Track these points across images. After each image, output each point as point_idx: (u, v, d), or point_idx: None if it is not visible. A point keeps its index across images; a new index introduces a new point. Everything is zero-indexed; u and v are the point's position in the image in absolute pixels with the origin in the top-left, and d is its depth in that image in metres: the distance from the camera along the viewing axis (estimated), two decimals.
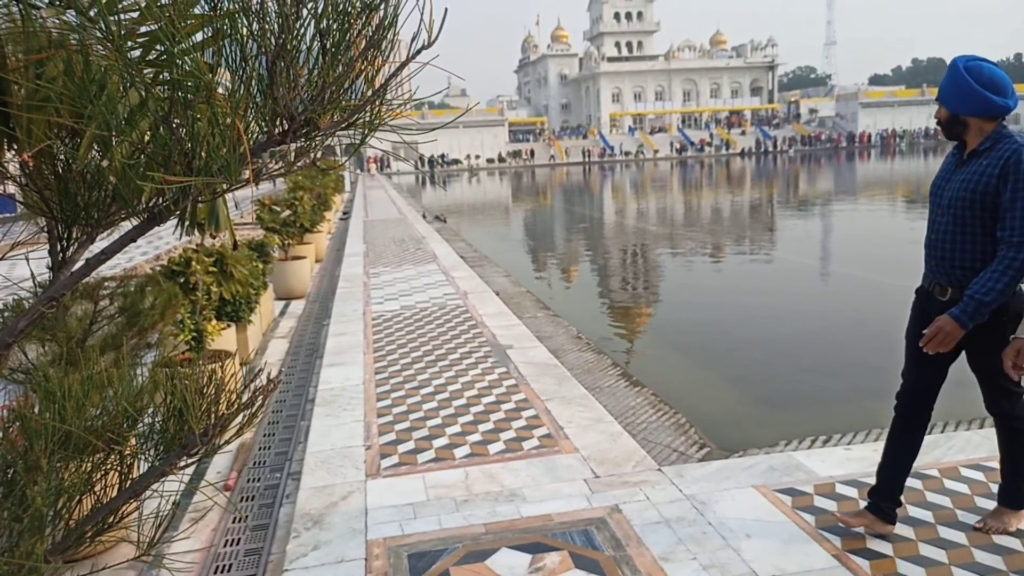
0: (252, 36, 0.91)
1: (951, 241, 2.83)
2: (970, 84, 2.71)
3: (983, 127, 2.77)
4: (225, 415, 1.05)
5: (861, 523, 3.10)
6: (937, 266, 2.90)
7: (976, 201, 2.74)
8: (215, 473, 4.33)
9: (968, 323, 2.68)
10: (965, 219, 2.78)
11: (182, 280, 5.48)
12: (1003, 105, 2.71)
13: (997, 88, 2.71)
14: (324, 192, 13.96)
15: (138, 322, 3.62)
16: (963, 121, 2.80)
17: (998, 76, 2.73)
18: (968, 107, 2.75)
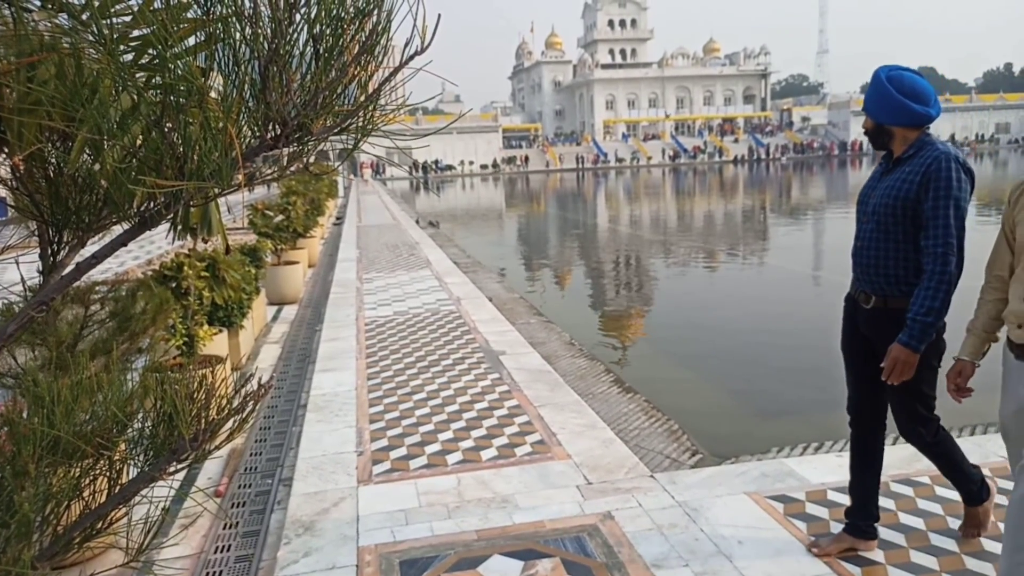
0: (245, 40, 0.91)
1: (875, 248, 2.82)
2: (891, 93, 2.71)
3: (907, 135, 2.77)
4: (215, 420, 1.04)
5: (840, 548, 3.03)
6: (862, 273, 2.89)
7: (898, 208, 2.73)
8: (206, 479, 4.31)
9: (919, 346, 2.65)
10: (888, 226, 2.77)
11: (174, 285, 5.45)
12: (924, 113, 2.71)
13: (918, 97, 2.71)
14: (317, 197, 13.94)
15: (129, 327, 3.60)
16: (887, 130, 2.80)
17: (919, 85, 2.73)
18: (891, 116, 2.75)
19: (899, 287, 2.77)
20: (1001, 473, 3.73)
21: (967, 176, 2.67)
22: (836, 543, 3.05)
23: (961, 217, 2.65)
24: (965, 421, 4.96)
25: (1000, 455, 3.95)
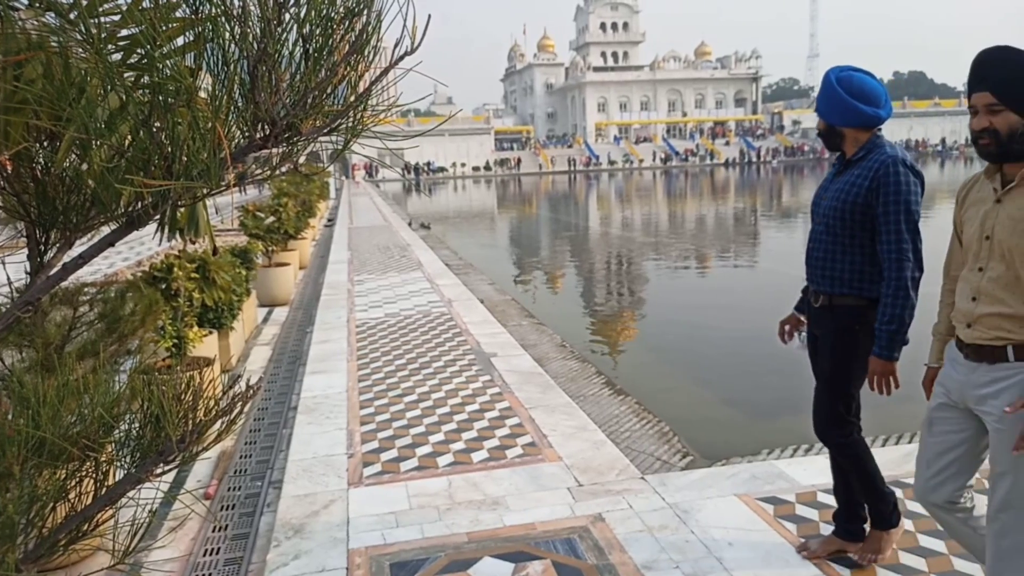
0: (234, 40, 0.91)
1: (824, 250, 2.83)
2: (840, 95, 2.70)
3: (857, 137, 2.76)
4: (203, 422, 1.04)
5: (829, 550, 3.03)
6: (812, 274, 2.90)
7: (847, 211, 2.73)
8: (195, 481, 4.29)
9: (890, 354, 2.64)
10: (836, 229, 2.77)
11: (164, 286, 5.43)
12: (874, 115, 2.70)
13: (867, 98, 2.70)
14: (309, 199, 13.91)
15: (118, 328, 3.58)
16: (839, 132, 2.79)
17: (869, 86, 2.71)
18: (841, 118, 2.74)
19: (845, 287, 2.78)
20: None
21: (916, 178, 2.66)
22: (825, 545, 3.06)
23: (913, 221, 2.64)
24: None
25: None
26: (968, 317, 2.19)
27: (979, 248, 2.18)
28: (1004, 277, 2.10)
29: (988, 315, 2.13)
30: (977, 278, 2.18)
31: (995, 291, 2.12)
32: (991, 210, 2.14)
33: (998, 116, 2.04)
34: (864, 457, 2.90)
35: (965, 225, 2.27)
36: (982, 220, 2.17)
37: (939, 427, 2.32)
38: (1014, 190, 2.09)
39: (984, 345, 2.15)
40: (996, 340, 2.12)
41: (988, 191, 2.18)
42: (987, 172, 2.21)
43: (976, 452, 2.30)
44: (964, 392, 2.22)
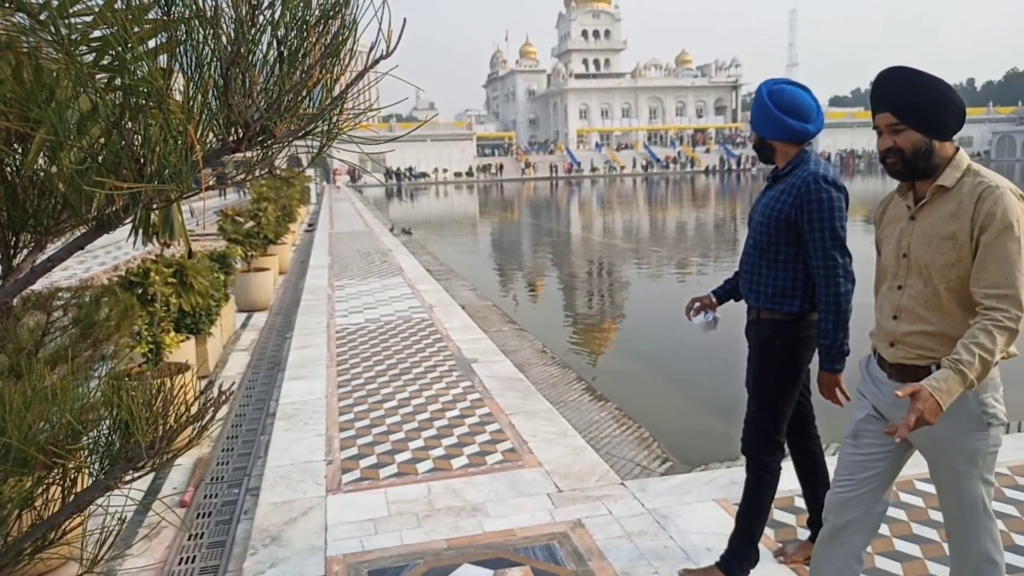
0: (206, 42, 0.90)
1: (752, 264, 2.85)
2: (770, 108, 2.69)
3: (787, 151, 2.75)
4: (173, 428, 1.02)
5: (806, 555, 3.03)
6: (742, 286, 2.93)
7: (771, 226, 2.73)
8: (171, 488, 4.23)
9: (831, 367, 2.65)
10: (762, 244, 2.78)
11: (140, 291, 5.37)
12: (801, 130, 2.69)
13: (797, 112, 2.68)
14: (289, 203, 13.83)
15: (92, 334, 3.53)
16: (770, 145, 2.79)
17: (799, 100, 2.70)
18: (770, 131, 2.73)
19: (770, 301, 2.78)
20: None
21: (839, 193, 2.64)
22: (801, 550, 3.08)
23: (839, 236, 2.62)
24: None
25: None
26: (891, 336, 2.18)
27: (897, 266, 2.18)
28: (923, 294, 2.10)
29: (911, 333, 2.12)
30: (897, 296, 2.17)
31: (916, 308, 2.11)
32: (906, 227, 2.15)
33: (901, 135, 2.05)
34: (767, 490, 2.87)
35: (883, 244, 2.26)
36: (898, 238, 2.17)
37: (866, 440, 2.27)
38: (926, 206, 2.10)
39: (908, 365, 2.14)
40: (920, 359, 2.11)
41: (902, 209, 2.19)
42: (900, 190, 2.22)
43: (896, 468, 2.28)
44: (892, 412, 2.20)
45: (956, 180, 2.05)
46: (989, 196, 1.97)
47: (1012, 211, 1.95)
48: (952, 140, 2.10)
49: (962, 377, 1.90)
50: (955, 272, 2.03)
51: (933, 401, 1.90)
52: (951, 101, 2.04)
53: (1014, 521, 3.36)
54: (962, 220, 2.00)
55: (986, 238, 1.96)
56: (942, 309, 2.07)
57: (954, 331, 2.05)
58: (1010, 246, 1.93)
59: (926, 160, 2.06)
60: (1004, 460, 3.99)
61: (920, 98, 2.03)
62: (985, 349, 1.90)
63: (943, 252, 2.04)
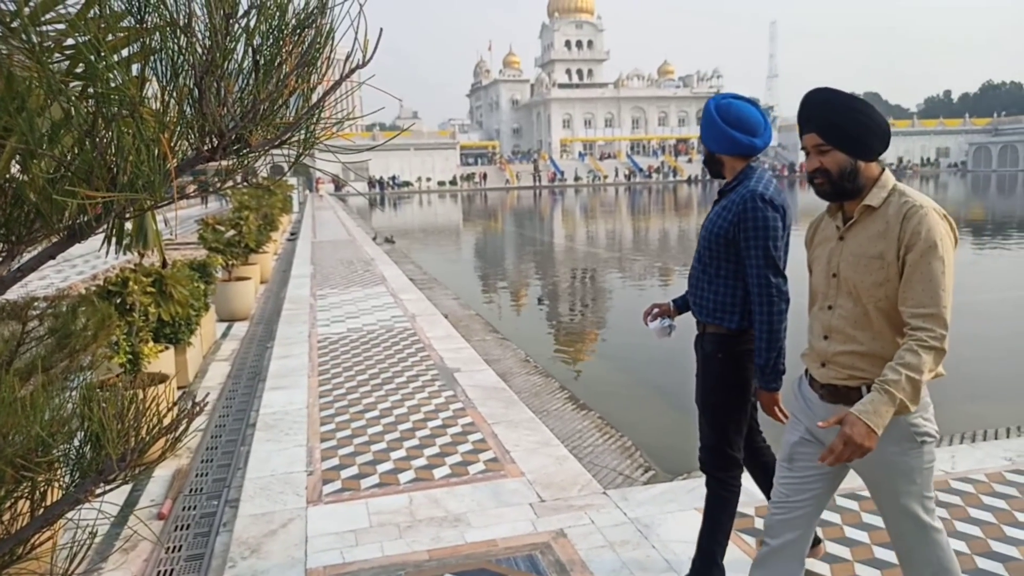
0: (179, 51, 0.89)
1: (696, 277, 2.86)
2: (718, 122, 2.69)
3: (734, 165, 2.76)
4: (145, 440, 1.01)
5: None
6: (690, 298, 2.93)
7: (712, 241, 2.74)
8: (149, 500, 4.17)
9: (767, 385, 2.65)
10: (706, 258, 2.79)
11: (118, 300, 5.31)
12: (748, 144, 2.68)
13: (744, 126, 2.68)
14: (271, 212, 13.75)
15: (68, 344, 3.48)
16: (719, 159, 2.79)
17: (746, 114, 2.69)
18: (718, 145, 2.73)
19: (712, 315, 2.79)
20: (941, 487, 3.83)
21: (775, 212, 2.62)
22: None
23: (772, 256, 2.60)
24: None
25: (941, 469, 4.06)
26: (822, 356, 2.18)
27: (827, 286, 2.18)
28: (853, 314, 2.10)
29: (841, 353, 2.12)
30: (828, 316, 2.18)
31: (845, 328, 2.11)
32: (836, 247, 2.16)
33: (827, 156, 2.07)
34: (726, 507, 2.85)
35: (814, 264, 2.27)
36: (828, 258, 2.18)
37: (800, 463, 2.27)
38: (855, 226, 2.12)
39: (839, 385, 2.14)
40: (850, 380, 2.11)
41: (832, 229, 2.20)
42: (830, 211, 2.22)
43: (832, 489, 2.28)
44: (825, 434, 2.20)
45: (882, 200, 2.07)
46: (914, 216, 1.99)
47: (936, 231, 1.97)
48: (878, 160, 2.12)
49: (890, 397, 1.92)
50: (883, 291, 2.04)
51: (862, 424, 1.92)
52: (875, 122, 2.06)
53: (991, 528, 3.39)
54: (889, 240, 2.02)
55: (912, 258, 1.97)
56: (872, 329, 2.08)
57: (884, 351, 2.06)
58: (935, 265, 1.95)
59: (852, 181, 2.08)
60: (981, 467, 4.05)
61: (845, 120, 2.05)
62: (911, 368, 1.92)
63: (871, 271, 2.05)
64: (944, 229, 2.00)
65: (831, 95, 2.09)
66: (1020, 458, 4.20)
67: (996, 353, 8.95)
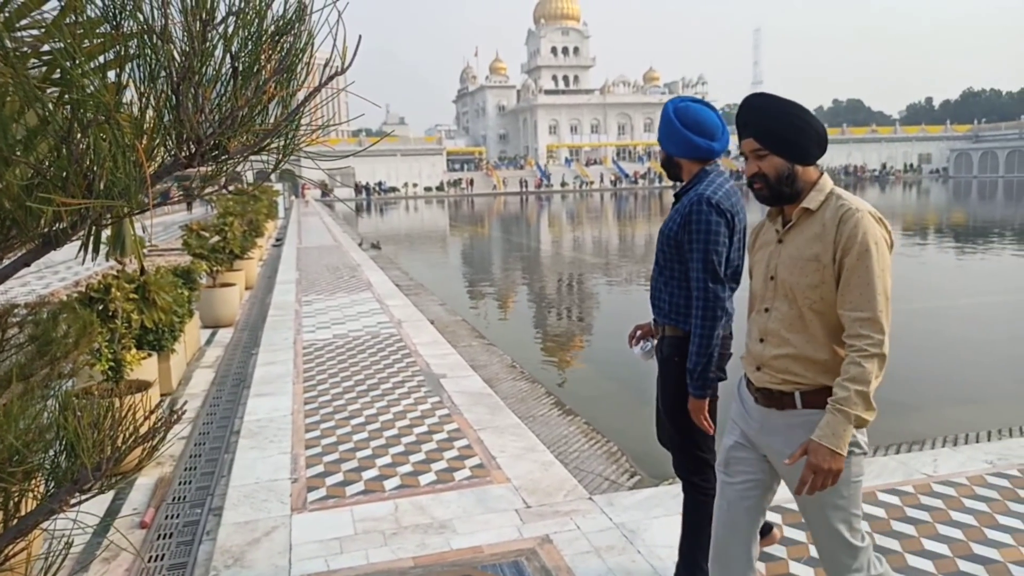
0: (156, 57, 0.89)
1: (654, 279, 2.87)
2: (675, 125, 2.69)
3: (691, 168, 2.76)
4: (121, 449, 1.00)
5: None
6: (650, 301, 2.95)
7: (664, 244, 2.76)
8: (131, 509, 4.13)
9: (700, 392, 2.64)
10: (660, 260, 2.80)
11: (100, 307, 5.26)
12: (706, 148, 2.69)
13: (702, 130, 2.68)
14: (256, 218, 13.69)
15: (49, 351, 3.44)
16: (676, 162, 2.80)
17: (704, 117, 2.70)
18: (676, 148, 2.74)
19: (666, 317, 2.81)
20: (923, 490, 3.86)
21: (720, 218, 2.61)
22: None
23: (712, 261, 2.60)
24: (891, 440, 5.13)
25: (923, 472, 4.10)
26: (758, 359, 2.19)
27: (765, 289, 2.19)
28: (788, 316, 2.10)
29: (776, 357, 2.12)
30: (764, 319, 2.18)
31: (781, 331, 2.12)
32: (774, 250, 2.17)
33: (764, 161, 2.09)
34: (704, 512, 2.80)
35: (754, 268, 2.28)
36: (767, 261, 2.19)
37: (736, 467, 2.28)
38: (793, 229, 2.13)
39: (773, 390, 2.14)
40: (784, 384, 2.11)
41: (772, 233, 2.21)
42: (770, 215, 2.23)
43: (768, 496, 2.29)
44: (758, 437, 2.21)
45: (820, 203, 2.08)
46: (850, 219, 2.00)
47: (871, 234, 1.98)
48: (816, 164, 2.13)
49: (844, 416, 1.93)
50: (819, 293, 2.04)
51: (824, 449, 1.94)
52: (811, 127, 2.07)
53: (973, 531, 3.42)
54: (825, 242, 2.03)
55: (848, 261, 1.98)
56: (806, 331, 2.08)
57: (816, 354, 2.06)
58: (871, 269, 1.96)
59: (790, 185, 2.09)
60: (963, 471, 4.08)
61: (781, 125, 2.06)
62: (857, 381, 1.93)
63: (807, 273, 2.05)
64: (879, 233, 2.01)
65: (767, 101, 2.10)
66: (1001, 461, 4.24)
67: (977, 357, 9.05)
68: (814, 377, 2.06)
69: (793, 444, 2.08)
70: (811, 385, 2.07)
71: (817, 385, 2.06)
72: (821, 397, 2.05)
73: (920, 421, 6.47)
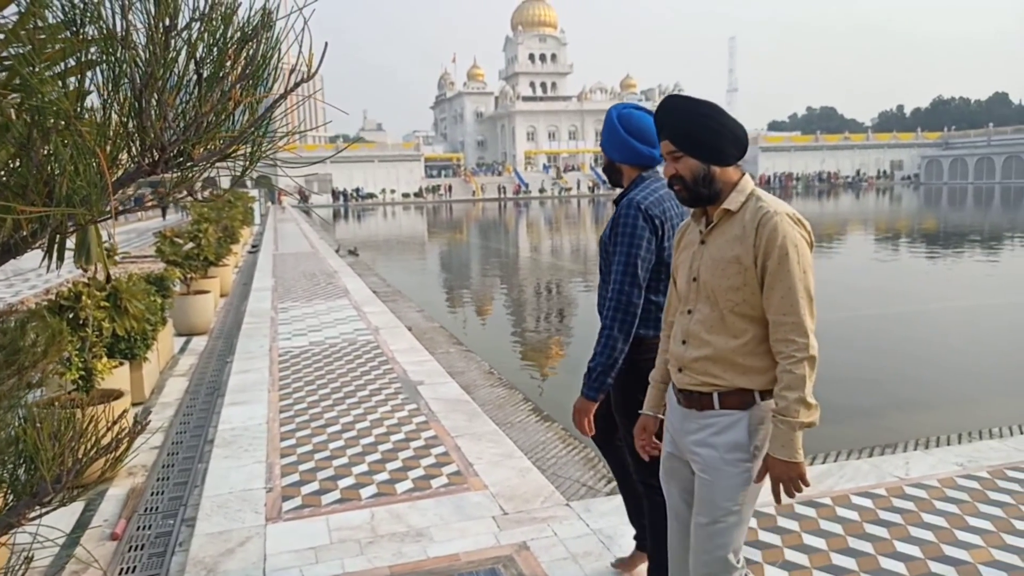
0: (117, 63, 0.88)
1: (600, 289, 2.87)
2: (619, 132, 2.70)
3: (631, 175, 2.77)
4: (82, 461, 0.98)
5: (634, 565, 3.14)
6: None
7: (603, 250, 2.77)
8: (102, 521, 4.06)
9: (591, 394, 2.64)
10: (602, 265, 2.82)
11: (71, 315, 5.18)
12: (648, 154, 2.70)
13: (644, 137, 2.69)
14: (231, 224, 13.57)
15: (17, 360, 3.38)
16: (618, 168, 2.81)
17: (647, 125, 2.69)
18: (619, 154, 2.74)
19: None
20: (896, 493, 3.91)
21: (646, 223, 2.60)
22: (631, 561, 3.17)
23: (632, 265, 2.59)
24: (864, 443, 5.19)
25: (895, 475, 4.15)
26: (680, 361, 2.18)
27: (688, 290, 2.18)
28: (710, 318, 2.10)
29: (697, 359, 2.12)
30: (686, 320, 2.17)
31: (701, 333, 2.11)
32: (697, 251, 2.16)
33: (680, 163, 2.08)
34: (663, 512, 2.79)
35: (679, 269, 2.26)
36: (690, 262, 2.18)
37: (670, 478, 2.29)
38: (715, 230, 2.11)
39: (693, 391, 2.14)
40: (703, 386, 2.11)
41: (696, 234, 2.20)
42: (694, 215, 2.22)
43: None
44: (679, 439, 2.21)
45: (740, 204, 2.07)
46: (768, 222, 1.99)
47: (790, 237, 1.98)
48: (738, 165, 2.12)
49: (788, 425, 1.94)
50: (740, 295, 2.03)
51: (778, 463, 1.97)
52: (727, 128, 2.06)
53: (944, 532, 3.46)
54: (745, 244, 2.02)
55: (770, 265, 1.98)
56: (727, 334, 2.07)
57: (734, 357, 2.05)
58: (792, 272, 1.96)
59: (707, 186, 2.08)
60: (934, 473, 4.14)
61: (694, 126, 2.06)
62: (793, 388, 1.94)
63: (728, 276, 2.04)
64: (797, 234, 2.00)
65: (682, 102, 2.10)
66: (971, 463, 4.30)
67: (949, 360, 9.19)
68: (732, 379, 2.06)
69: (704, 445, 2.10)
70: (729, 387, 2.07)
71: (734, 387, 2.06)
72: (738, 398, 2.06)
73: (891, 425, 6.56)
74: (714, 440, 2.08)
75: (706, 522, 2.11)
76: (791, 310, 1.96)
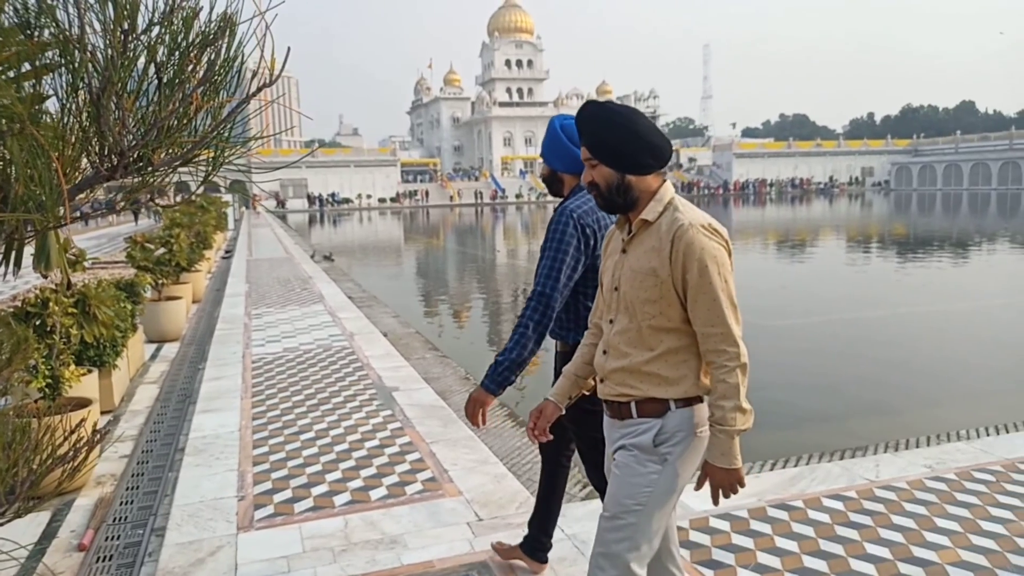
0: (74, 67, 0.86)
1: None
2: (563, 141, 2.71)
3: (572, 184, 2.78)
4: (36, 471, 0.96)
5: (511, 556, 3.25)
6: None
7: None
8: (68, 531, 3.98)
9: (492, 387, 2.64)
10: None
11: (37, 322, 5.08)
12: None
13: None
14: (204, 230, 13.41)
15: None
16: (559, 177, 2.81)
17: None
18: (561, 163, 2.76)
19: (554, 332, 2.85)
20: (866, 495, 3.96)
21: (575, 230, 2.62)
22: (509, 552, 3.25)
23: (556, 268, 2.60)
24: (835, 446, 5.25)
25: (865, 478, 4.20)
26: (601, 371, 2.17)
27: (611, 299, 2.16)
28: (628, 330, 2.08)
29: (615, 370, 2.10)
30: (608, 330, 2.16)
31: (620, 345, 2.10)
32: (619, 260, 2.13)
33: (596, 170, 2.06)
34: None
35: (603, 277, 2.24)
36: (613, 271, 2.16)
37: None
38: (634, 240, 2.09)
39: (612, 401, 2.14)
40: (621, 396, 2.10)
41: (619, 242, 2.16)
42: (618, 223, 2.18)
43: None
44: (609, 448, 2.22)
45: (658, 214, 2.04)
46: (684, 235, 1.96)
47: (708, 250, 1.96)
48: (659, 173, 2.09)
49: (726, 434, 1.96)
50: (656, 308, 2.02)
51: (716, 470, 2.00)
52: (641, 137, 2.02)
53: (913, 534, 3.51)
54: (661, 257, 2.00)
55: (691, 279, 1.96)
56: (642, 347, 2.06)
57: (650, 368, 2.05)
58: (714, 283, 1.95)
59: (622, 195, 2.05)
60: (903, 475, 4.20)
61: (608, 135, 2.02)
62: (728, 397, 1.95)
63: (645, 288, 2.02)
64: (714, 245, 1.98)
65: (597, 110, 2.06)
66: (939, 465, 4.37)
67: (919, 364, 9.34)
68: (647, 390, 2.05)
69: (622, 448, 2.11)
70: (643, 397, 2.06)
71: (648, 396, 2.06)
72: (654, 406, 2.05)
73: (861, 427, 6.64)
74: (628, 442, 2.09)
75: (607, 515, 2.12)
76: (718, 320, 1.96)
